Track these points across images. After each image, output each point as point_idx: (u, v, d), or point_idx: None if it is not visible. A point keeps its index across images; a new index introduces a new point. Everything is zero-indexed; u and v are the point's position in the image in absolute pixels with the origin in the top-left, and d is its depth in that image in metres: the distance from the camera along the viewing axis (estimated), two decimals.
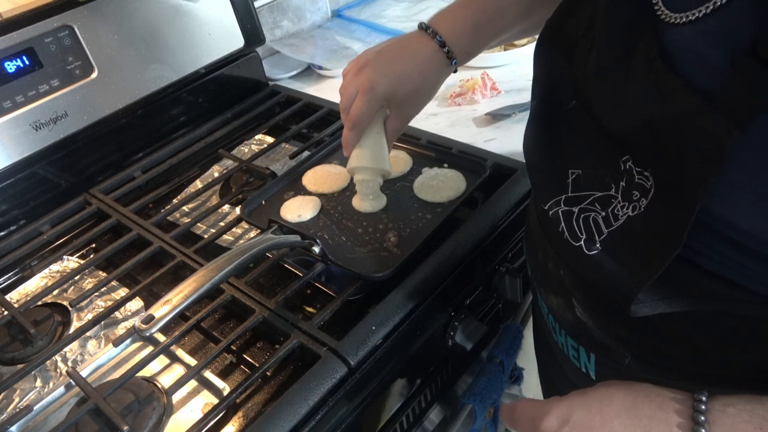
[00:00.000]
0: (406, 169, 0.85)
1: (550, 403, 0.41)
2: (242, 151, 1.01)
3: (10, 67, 0.82)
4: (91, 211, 0.89)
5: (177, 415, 0.61)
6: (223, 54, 1.05)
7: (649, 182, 0.40)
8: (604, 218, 0.44)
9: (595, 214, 0.45)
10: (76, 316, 0.73)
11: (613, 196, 0.43)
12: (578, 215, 0.46)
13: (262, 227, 0.73)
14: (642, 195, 0.40)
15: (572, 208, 0.47)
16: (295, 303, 0.71)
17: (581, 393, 0.41)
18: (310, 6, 1.35)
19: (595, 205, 0.45)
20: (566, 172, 0.48)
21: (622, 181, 0.42)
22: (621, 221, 0.42)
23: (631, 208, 0.42)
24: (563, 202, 0.48)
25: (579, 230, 0.46)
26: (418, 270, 0.68)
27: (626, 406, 0.38)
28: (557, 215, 0.48)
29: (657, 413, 0.37)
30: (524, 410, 0.43)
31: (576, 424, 0.39)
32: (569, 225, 0.47)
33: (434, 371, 0.76)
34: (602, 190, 0.44)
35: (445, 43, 0.66)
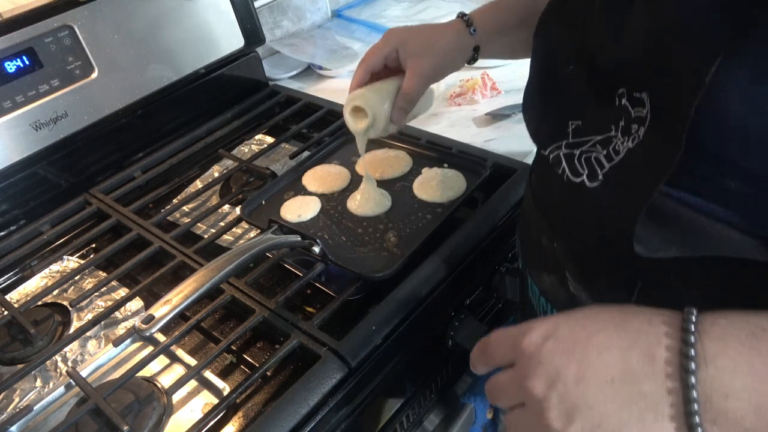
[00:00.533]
0: (406, 169, 0.85)
1: (530, 323, 0.40)
2: (242, 151, 1.01)
3: (10, 67, 0.82)
4: (91, 211, 0.89)
5: (177, 415, 0.61)
6: (223, 54, 1.05)
7: (645, 108, 0.40)
8: (605, 155, 0.44)
9: (596, 154, 0.45)
10: (76, 316, 0.73)
11: (614, 135, 0.44)
12: (579, 156, 0.47)
13: (262, 227, 0.73)
14: (640, 125, 0.41)
15: (573, 151, 0.48)
16: (295, 303, 0.71)
17: (566, 312, 0.40)
18: (310, 6, 1.35)
19: (596, 146, 0.46)
20: (566, 122, 0.49)
21: (621, 120, 0.43)
22: (622, 155, 0.43)
23: (630, 141, 0.42)
24: (564, 146, 0.49)
25: (581, 167, 0.46)
26: (418, 270, 0.68)
27: (614, 321, 0.37)
28: (558, 157, 0.49)
29: (645, 326, 0.36)
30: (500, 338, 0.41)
31: (560, 337, 0.38)
32: (571, 164, 0.47)
33: (434, 371, 0.76)
34: (602, 133, 0.45)
35: (465, 14, 0.70)
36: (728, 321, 0.34)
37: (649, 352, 0.35)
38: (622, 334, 0.36)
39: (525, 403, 0.39)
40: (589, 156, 0.46)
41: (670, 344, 0.34)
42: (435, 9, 1.38)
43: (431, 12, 1.37)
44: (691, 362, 0.33)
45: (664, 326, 0.35)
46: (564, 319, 0.39)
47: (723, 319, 0.34)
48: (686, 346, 0.33)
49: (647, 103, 0.40)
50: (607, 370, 0.35)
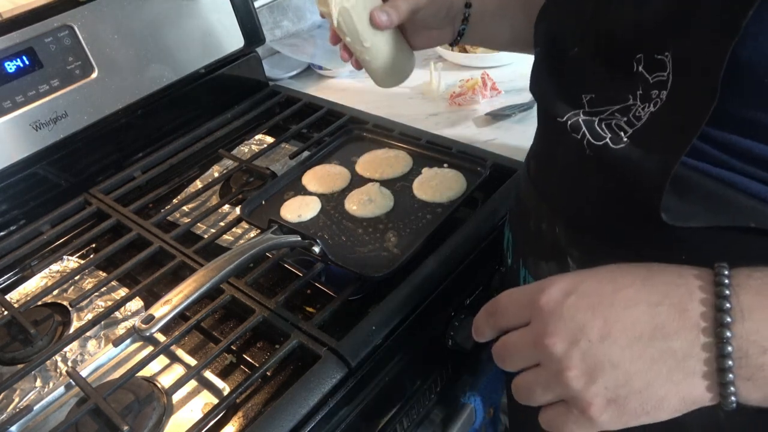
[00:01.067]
0: (406, 169, 0.85)
1: (547, 279, 0.37)
2: (242, 151, 1.01)
3: (10, 67, 0.82)
4: (91, 211, 0.89)
5: (177, 415, 0.61)
6: (223, 54, 1.05)
7: (666, 71, 0.38)
8: (626, 122, 0.42)
9: (616, 120, 0.43)
10: (76, 316, 0.73)
11: (632, 104, 0.42)
12: (599, 122, 0.44)
13: (262, 227, 0.73)
14: (661, 89, 0.39)
15: (592, 118, 0.45)
16: (295, 303, 0.71)
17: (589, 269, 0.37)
18: (310, 6, 1.35)
19: (614, 115, 0.44)
20: (579, 96, 0.47)
21: (638, 89, 0.41)
22: (644, 119, 0.41)
23: (652, 105, 0.40)
24: (582, 114, 0.46)
25: (602, 131, 0.44)
26: (418, 270, 0.68)
27: (641, 275, 0.35)
28: (578, 123, 0.46)
29: (675, 279, 0.34)
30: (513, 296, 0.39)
31: (584, 292, 0.35)
32: (591, 128, 0.44)
33: (434, 371, 0.76)
34: (620, 103, 0.43)
35: None
36: (764, 274, 0.32)
37: (680, 306, 0.33)
38: (651, 289, 0.34)
39: (541, 362, 0.36)
40: (609, 122, 0.44)
41: (704, 298, 0.33)
42: None
43: None
44: (726, 315, 0.31)
45: (696, 279, 0.33)
46: (588, 274, 0.36)
47: (758, 272, 0.33)
48: (720, 300, 0.32)
49: (669, 64, 0.38)
50: (635, 326, 0.33)
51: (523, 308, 0.38)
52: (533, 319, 0.37)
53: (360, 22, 0.63)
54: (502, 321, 0.39)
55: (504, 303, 0.39)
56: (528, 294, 0.37)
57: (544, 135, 0.57)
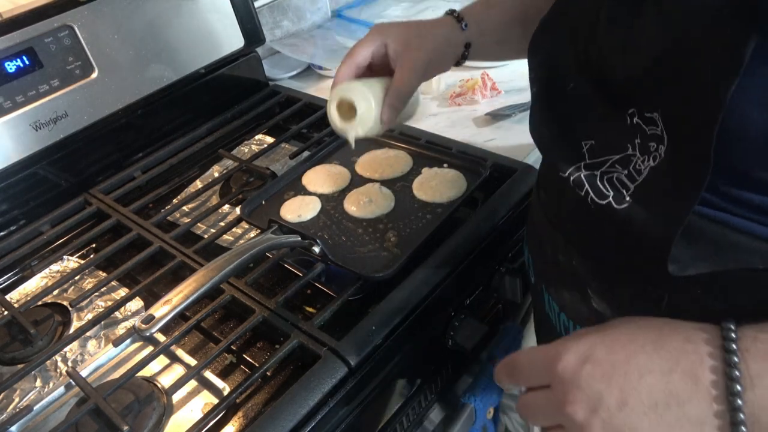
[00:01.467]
0: (406, 169, 0.85)
1: (563, 343, 0.38)
2: (242, 151, 1.01)
3: (10, 67, 0.82)
4: (91, 211, 0.89)
5: (177, 415, 0.61)
6: (223, 54, 1.05)
7: (658, 127, 0.39)
8: (627, 176, 0.43)
9: (617, 174, 0.44)
10: (76, 316, 0.73)
11: (631, 155, 0.42)
12: (601, 177, 0.45)
13: (262, 227, 0.73)
14: (659, 143, 0.40)
15: (594, 172, 0.46)
16: (295, 303, 0.71)
17: (598, 330, 0.38)
18: (310, 6, 1.35)
19: (615, 166, 0.44)
20: (579, 143, 0.47)
21: (636, 138, 0.42)
22: (645, 174, 0.41)
23: (652, 159, 0.41)
24: (583, 167, 0.47)
25: (605, 188, 0.45)
26: (418, 270, 0.68)
27: (652, 339, 0.36)
28: (580, 179, 0.47)
29: (685, 345, 0.35)
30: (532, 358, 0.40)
31: (598, 360, 0.36)
32: (594, 186, 0.45)
33: (434, 371, 0.76)
34: (619, 152, 0.44)
35: (455, 10, 0.66)
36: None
37: (692, 374, 0.34)
38: (662, 355, 0.35)
39: (565, 425, 0.38)
40: (611, 177, 0.45)
41: (714, 365, 0.34)
42: (435, 9, 1.38)
43: (431, 12, 1.37)
44: (737, 384, 0.33)
45: (705, 345, 0.35)
46: (599, 339, 0.38)
47: (764, 335, 0.34)
48: (730, 368, 0.33)
49: (660, 122, 0.39)
50: (651, 394, 0.35)
51: (542, 372, 0.39)
52: (553, 385, 0.38)
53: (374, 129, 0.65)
54: (522, 380, 0.41)
55: (523, 364, 0.41)
56: (546, 359, 0.39)
57: (548, 180, 0.57)
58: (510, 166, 0.83)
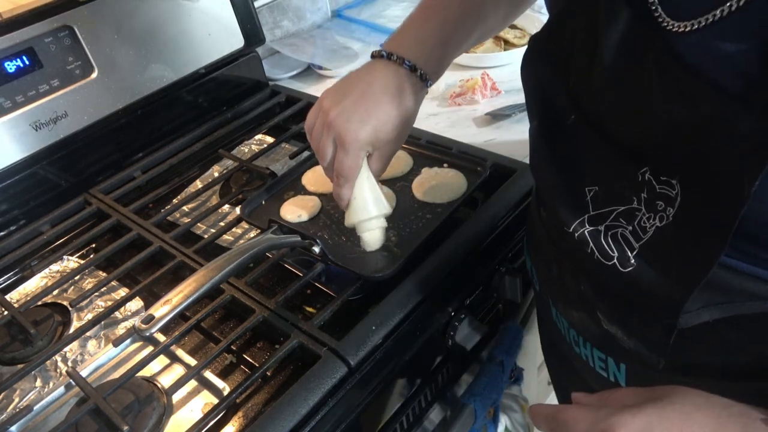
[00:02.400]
0: (406, 169, 0.85)
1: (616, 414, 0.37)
2: (242, 151, 1.01)
3: (10, 67, 0.82)
4: (91, 211, 0.89)
5: (177, 415, 0.61)
6: (223, 54, 1.05)
7: (674, 191, 0.39)
8: (632, 232, 0.43)
9: (622, 230, 0.44)
10: (76, 316, 0.73)
11: (636, 208, 0.42)
12: (605, 233, 0.45)
13: (262, 227, 0.73)
14: (667, 204, 0.39)
15: (598, 227, 0.45)
16: (295, 303, 0.71)
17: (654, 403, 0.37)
18: (310, 6, 1.35)
19: (619, 220, 0.44)
20: (583, 190, 0.46)
21: (642, 192, 0.41)
22: (650, 233, 0.41)
23: (658, 219, 0.40)
24: (587, 221, 0.46)
25: (610, 248, 0.44)
26: (418, 270, 0.68)
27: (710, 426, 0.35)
28: (584, 236, 0.46)
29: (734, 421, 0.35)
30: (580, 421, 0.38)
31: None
32: (599, 245, 0.45)
33: (434, 371, 0.76)
34: (624, 203, 0.43)
35: (416, 67, 0.61)
36: None
37: None
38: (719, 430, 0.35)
39: None
40: (615, 233, 0.44)
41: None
42: None
43: None
44: None
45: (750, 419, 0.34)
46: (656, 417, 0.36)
47: None
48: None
49: (678, 187, 0.38)
50: None
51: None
52: None
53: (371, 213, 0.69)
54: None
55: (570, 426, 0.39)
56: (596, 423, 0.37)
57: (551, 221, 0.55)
58: (510, 166, 0.83)
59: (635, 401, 0.38)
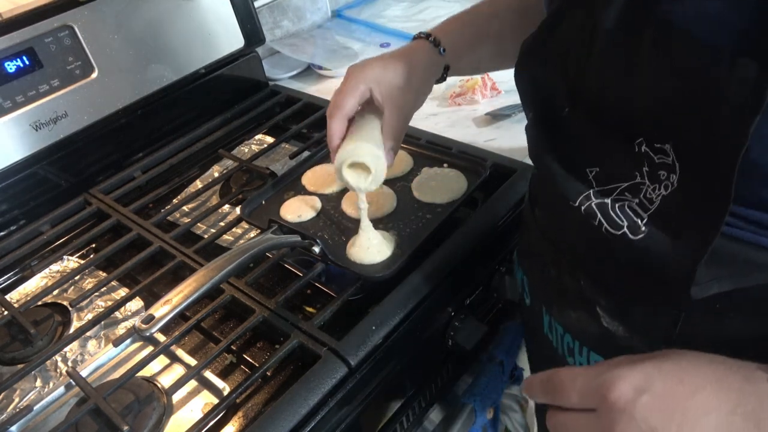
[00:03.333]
0: (407, 169, 0.85)
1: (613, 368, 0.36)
2: (242, 151, 1.01)
3: (10, 67, 0.82)
4: (91, 211, 0.89)
5: (177, 415, 0.61)
6: (223, 54, 1.05)
7: (670, 157, 0.39)
8: (639, 204, 0.43)
9: (628, 202, 0.43)
10: (76, 316, 0.73)
11: (640, 183, 0.42)
12: (612, 205, 0.44)
13: (262, 227, 0.73)
14: (670, 172, 0.39)
15: (604, 200, 0.45)
16: (295, 303, 0.71)
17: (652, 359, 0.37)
18: (310, 6, 1.35)
19: (624, 194, 0.44)
20: (584, 171, 0.47)
21: (644, 167, 0.41)
22: (657, 203, 0.41)
23: (663, 188, 0.40)
24: (593, 195, 0.46)
25: (618, 218, 0.44)
26: (418, 270, 0.68)
27: (711, 378, 0.35)
28: (591, 209, 0.46)
29: (745, 385, 0.34)
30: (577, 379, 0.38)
31: (656, 394, 0.35)
32: (607, 215, 0.45)
33: (434, 371, 0.76)
34: (627, 180, 0.43)
35: (430, 35, 0.67)
36: None
37: (754, 416, 0.33)
38: (723, 395, 0.34)
39: None
40: (623, 205, 0.44)
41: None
42: (435, 9, 1.38)
43: (431, 12, 1.37)
44: None
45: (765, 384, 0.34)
46: (655, 370, 0.36)
47: None
48: None
49: (671, 153, 0.39)
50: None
51: (589, 397, 0.37)
52: (601, 412, 0.36)
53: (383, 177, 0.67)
54: (563, 400, 0.39)
55: (567, 385, 0.38)
56: (596, 385, 0.37)
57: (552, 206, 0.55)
58: (510, 166, 0.83)
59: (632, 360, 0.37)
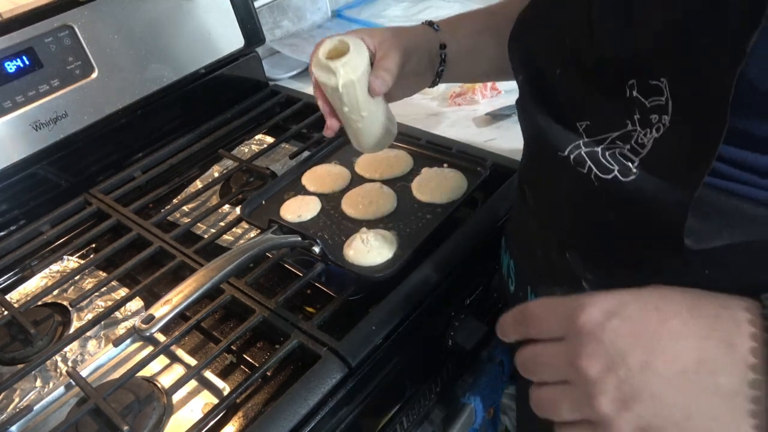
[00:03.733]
0: (407, 169, 0.85)
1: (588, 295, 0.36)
2: (242, 151, 1.01)
3: (10, 67, 0.82)
4: (91, 211, 0.89)
5: (177, 415, 0.61)
6: (223, 54, 1.05)
7: (663, 96, 0.38)
8: (630, 150, 0.41)
9: (620, 149, 0.42)
10: (76, 316, 0.73)
11: (632, 130, 0.41)
12: (603, 152, 0.43)
13: (262, 227, 0.73)
14: (662, 113, 0.38)
15: (594, 148, 0.44)
16: (295, 303, 0.71)
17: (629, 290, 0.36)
18: (310, 6, 1.35)
19: (616, 142, 0.42)
20: (574, 125, 0.46)
21: (635, 114, 0.40)
22: (649, 146, 0.40)
23: (655, 131, 0.39)
24: (583, 145, 0.45)
25: (609, 163, 0.42)
26: (418, 270, 0.68)
27: (687, 305, 0.34)
28: (581, 156, 0.44)
29: (721, 311, 0.33)
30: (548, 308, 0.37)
31: (628, 318, 0.34)
32: (596, 161, 0.43)
33: (434, 371, 0.76)
34: (618, 129, 0.42)
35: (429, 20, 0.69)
36: None
37: (728, 341, 0.32)
38: (697, 321, 0.33)
39: (572, 381, 0.36)
40: (613, 152, 0.43)
41: (753, 332, 0.32)
42: (435, 9, 1.38)
43: (431, 12, 1.37)
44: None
45: (743, 312, 0.33)
46: (631, 296, 0.35)
47: None
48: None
49: (666, 89, 0.38)
50: (680, 359, 0.33)
51: (559, 323, 0.37)
52: (569, 337, 0.36)
53: (362, 93, 0.61)
54: (534, 331, 0.38)
55: (538, 314, 0.38)
56: (566, 309, 0.36)
57: (540, 167, 0.55)
58: (510, 166, 0.83)
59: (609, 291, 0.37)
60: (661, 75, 0.38)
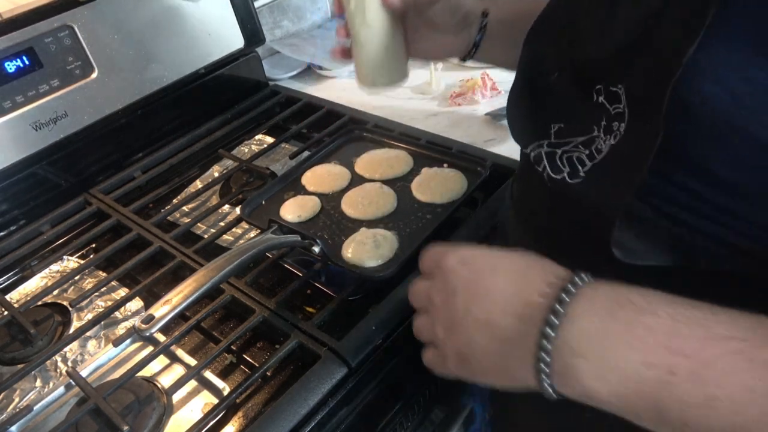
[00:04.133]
0: (407, 169, 0.85)
1: (456, 246, 0.45)
2: (242, 151, 1.01)
3: (10, 67, 0.82)
4: (91, 211, 0.89)
5: (177, 415, 0.61)
6: (223, 54, 1.05)
7: (621, 103, 0.40)
8: (587, 155, 0.44)
9: (578, 153, 0.45)
10: (76, 316, 0.73)
11: (596, 136, 0.43)
12: (561, 155, 0.47)
13: (262, 227, 0.73)
14: (620, 121, 0.40)
15: (555, 150, 0.47)
16: (295, 303, 0.71)
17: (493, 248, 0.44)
18: (310, 6, 1.35)
19: (578, 147, 0.45)
20: (549, 125, 0.48)
21: (602, 120, 0.42)
22: (604, 153, 0.42)
23: (612, 137, 0.41)
24: (546, 145, 0.48)
25: (562, 165, 0.46)
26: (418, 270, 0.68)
27: (520, 266, 0.41)
28: (539, 155, 0.49)
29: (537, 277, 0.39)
30: (432, 252, 0.47)
31: (470, 265, 0.42)
32: (552, 162, 0.47)
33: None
34: (585, 134, 0.44)
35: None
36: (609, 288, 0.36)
37: (527, 300, 0.38)
38: (518, 280, 0.40)
39: (428, 310, 0.46)
40: (570, 156, 0.45)
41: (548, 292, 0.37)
42: None
43: None
44: (555, 318, 0.36)
45: (554, 279, 0.38)
46: (484, 253, 0.43)
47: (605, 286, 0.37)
48: (557, 303, 0.36)
49: (623, 96, 0.39)
50: (490, 307, 0.40)
51: (431, 265, 0.46)
52: (433, 276, 0.45)
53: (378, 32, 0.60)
54: (422, 266, 0.48)
55: (423, 256, 0.48)
56: (438, 254, 0.45)
57: (520, 163, 0.58)
58: (510, 166, 0.83)
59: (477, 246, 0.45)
60: (619, 81, 0.40)
